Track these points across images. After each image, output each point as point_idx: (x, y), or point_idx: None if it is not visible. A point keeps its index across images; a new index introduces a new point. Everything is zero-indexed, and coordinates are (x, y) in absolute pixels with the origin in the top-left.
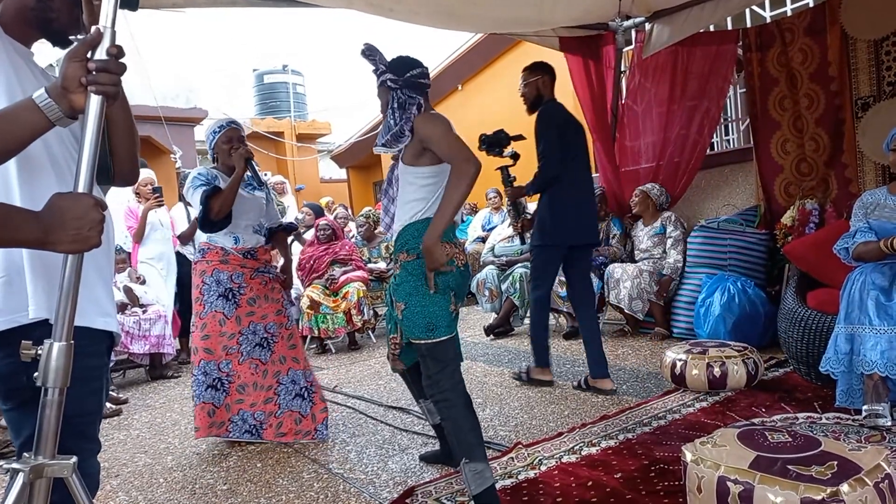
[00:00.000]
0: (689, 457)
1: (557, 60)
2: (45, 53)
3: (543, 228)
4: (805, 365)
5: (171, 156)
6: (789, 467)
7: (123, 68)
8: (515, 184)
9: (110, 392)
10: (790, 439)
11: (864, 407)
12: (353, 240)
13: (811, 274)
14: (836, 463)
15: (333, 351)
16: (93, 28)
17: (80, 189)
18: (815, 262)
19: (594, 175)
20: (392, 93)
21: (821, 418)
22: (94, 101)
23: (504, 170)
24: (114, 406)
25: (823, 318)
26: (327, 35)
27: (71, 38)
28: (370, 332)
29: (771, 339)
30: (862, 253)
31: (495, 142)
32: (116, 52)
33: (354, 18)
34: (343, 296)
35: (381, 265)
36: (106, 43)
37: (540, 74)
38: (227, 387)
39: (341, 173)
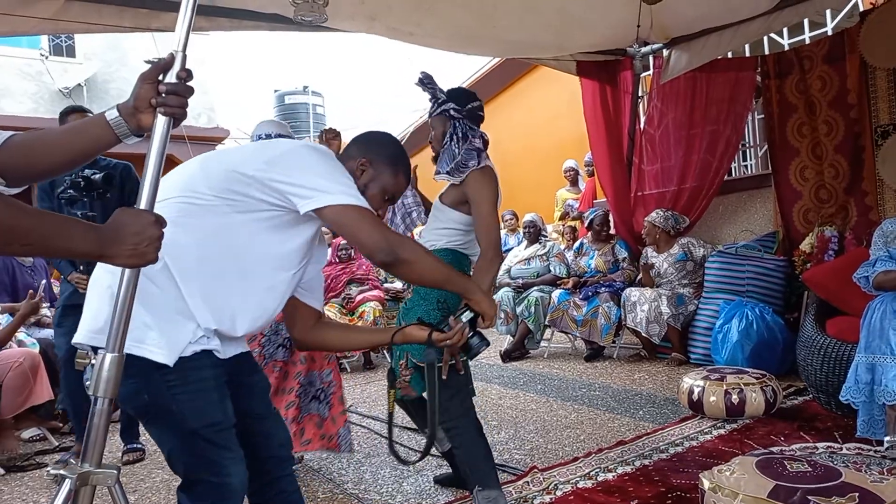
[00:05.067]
0: (706, 484)
1: (570, 86)
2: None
3: None
4: (825, 394)
5: None
6: (809, 498)
7: (191, 91)
8: None
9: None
10: (810, 469)
11: (886, 438)
12: None
13: (831, 301)
14: (857, 495)
15: (349, 370)
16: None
17: (142, 206)
18: (835, 289)
19: (601, 200)
20: (454, 122)
21: (841, 448)
22: (161, 122)
23: None
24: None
25: (843, 347)
26: (347, 56)
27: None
28: (385, 351)
29: (789, 367)
30: (883, 282)
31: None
32: (185, 77)
33: (374, 41)
34: (359, 315)
35: (398, 285)
36: (177, 67)
37: None
38: None
39: None
